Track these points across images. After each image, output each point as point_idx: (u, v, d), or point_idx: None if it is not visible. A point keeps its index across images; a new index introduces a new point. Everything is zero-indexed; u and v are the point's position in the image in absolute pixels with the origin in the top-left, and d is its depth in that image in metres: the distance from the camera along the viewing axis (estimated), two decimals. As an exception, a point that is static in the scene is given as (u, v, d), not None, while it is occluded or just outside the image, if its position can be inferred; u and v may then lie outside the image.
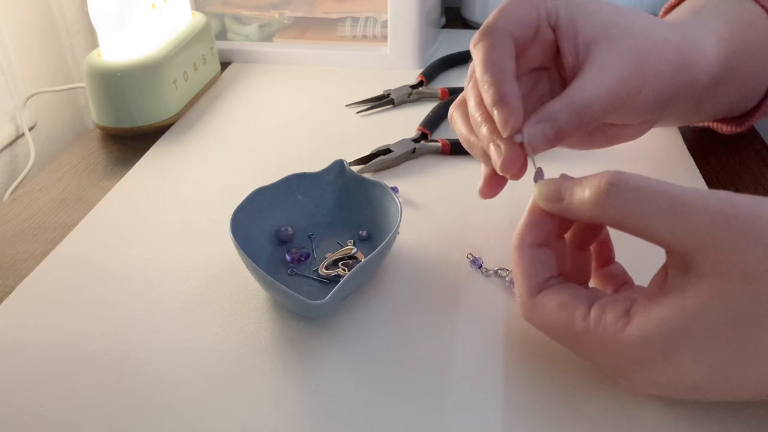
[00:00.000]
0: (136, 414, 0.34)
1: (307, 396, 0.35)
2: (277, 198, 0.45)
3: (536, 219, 0.34)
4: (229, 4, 0.80)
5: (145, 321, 0.40)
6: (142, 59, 0.61)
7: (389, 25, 0.74)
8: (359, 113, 0.65)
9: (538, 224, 0.34)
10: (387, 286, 0.42)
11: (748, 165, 0.55)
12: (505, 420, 0.33)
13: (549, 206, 0.33)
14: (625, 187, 0.29)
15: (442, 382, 0.35)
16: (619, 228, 0.30)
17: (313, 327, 0.39)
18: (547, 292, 0.33)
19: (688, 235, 0.28)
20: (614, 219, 0.30)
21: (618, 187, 0.29)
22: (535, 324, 0.34)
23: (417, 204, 0.50)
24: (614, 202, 0.29)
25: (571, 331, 0.31)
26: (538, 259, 0.34)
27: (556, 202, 0.32)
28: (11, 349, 0.38)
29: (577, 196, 0.31)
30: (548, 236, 0.34)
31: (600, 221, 0.31)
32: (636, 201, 0.29)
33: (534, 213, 0.34)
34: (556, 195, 0.32)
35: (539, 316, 0.33)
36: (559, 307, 0.32)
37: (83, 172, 0.57)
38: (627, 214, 0.29)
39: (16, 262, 0.46)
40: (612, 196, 0.29)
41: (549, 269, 0.34)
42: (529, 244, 0.34)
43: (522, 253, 0.34)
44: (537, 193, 0.34)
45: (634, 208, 0.29)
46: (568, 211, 0.32)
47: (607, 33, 0.38)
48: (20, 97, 0.69)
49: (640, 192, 0.29)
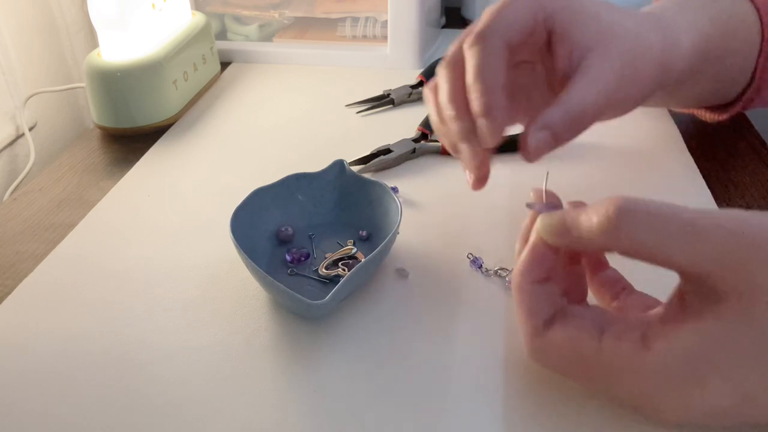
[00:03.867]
0: (136, 414, 0.34)
1: (307, 396, 0.35)
2: (277, 198, 0.45)
3: (539, 256, 0.32)
4: (229, 4, 0.80)
5: (145, 321, 0.40)
6: (142, 59, 0.61)
7: (389, 25, 0.74)
8: (359, 113, 0.65)
9: (541, 261, 0.32)
10: (387, 286, 0.42)
11: (748, 165, 0.55)
12: (505, 420, 0.33)
13: (555, 240, 0.31)
14: (636, 214, 0.28)
15: (442, 381, 0.35)
16: (630, 256, 0.29)
17: (313, 327, 0.39)
18: (554, 329, 0.31)
19: (706, 259, 0.27)
20: (626, 248, 0.28)
21: (628, 215, 0.28)
22: (545, 362, 0.32)
23: (417, 204, 0.50)
24: (626, 231, 0.28)
25: (584, 364, 0.30)
26: (542, 296, 0.32)
27: (562, 236, 0.31)
28: (11, 349, 0.38)
29: (585, 226, 0.29)
30: (551, 272, 0.33)
31: (610, 250, 0.30)
32: (648, 228, 0.27)
33: (537, 249, 0.32)
34: (562, 228, 0.31)
35: (548, 356, 0.32)
36: (568, 341, 0.30)
37: (83, 172, 0.57)
38: (640, 243, 0.28)
39: (16, 262, 0.46)
40: (623, 224, 0.28)
41: (553, 303, 0.32)
42: (532, 282, 0.32)
43: (524, 292, 0.32)
44: (541, 227, 0.32)
45: (646, 235, 0.27)
46: (577, 243, 0.31)
47: (601, 42, 0.38)
48: (20, 97, 0.69)
49: (651, 218, 0.28)
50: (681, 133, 0.59)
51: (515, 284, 0.33)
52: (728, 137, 0.59)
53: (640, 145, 0.56)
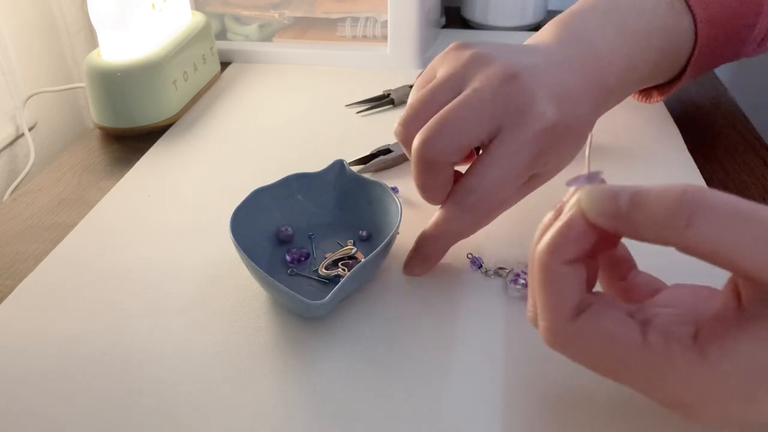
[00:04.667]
0: (136, 413, 0.34)
1: (307, 396, 0.35)
2: (277, 198, 0.45)
3: (577, 234, 0.28)
4: (229, 4, 0.80)
5: (145, 321, 0.40)
6: (142, 59, 0.61)
7: (389, 25, 0.74)
8: (359, 113, 0.65)
9: (578, 239, 0.28)
10: (387, 286, 0.42)
11: (748, 165, 0.55)
12: (505, 420, 0.33)
13: (601, 221, 0.27)
14: (714, 210, 0.24)
15: (442, 382, 0.35)
16: (691, 254, 0.25)
17: (313, 327, 0.39)
18: (586, 317, 0.28)
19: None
20: (693, 247, 0.25)
21: (704, 210, 0.24)
22: (571, 354, 0.29)
23: (417, 204, 0.50)
24: (698, 228, 0.24)
25: (623, 360, 0.27)
26: (572, 280, 0.28)
27: (612, 217, 0.27)
28: (11, 349, 0.38)
29: (645, 213, 0.26)
30: (584, 252, 0.28)
31: (669, 245, 0.26)
32: (724, 228, 0.24)
33: (575, 224, 0.28)
34: (613, 208, 0.26)
35: (579, 347, 0.28)
36: (605, 334, 0.27)
37: (83, 172, 0.57)
38: (711, 244, 0.24)
39: (16, 262, 0.46)
40: (695, 220, 0.24)
41: (581, 290, 0.28)
42: (563, 262, 0.28)
43: (555, 272, 0.28)
44: (586, 200, 0.27)
45: (721, 236, 0.24)
46: (628, 228, 0.26)
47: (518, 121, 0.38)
48: (20, 97, 0.69)
49: (728, 217, 0.24)
50: (680, 132, 0.59)
51: (542, 262, 0.28)
52: (727, 136, 0.59)
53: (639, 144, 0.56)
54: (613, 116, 0.51)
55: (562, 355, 0.29)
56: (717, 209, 0.24)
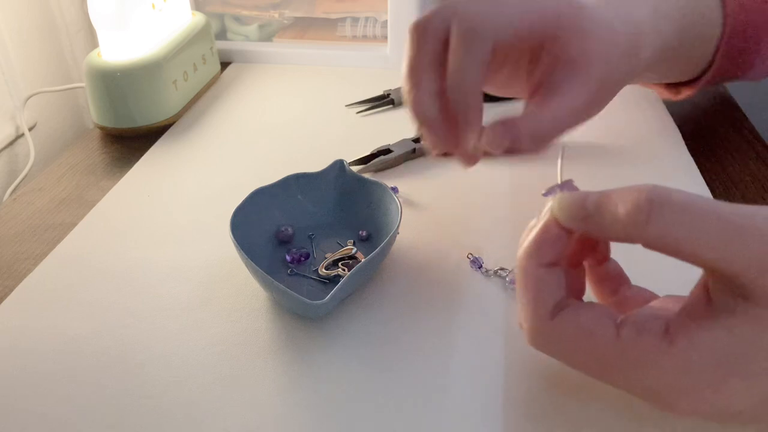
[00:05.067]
0: (136, 414, 0.34)
1: (307, 396, 0.35)
2: (277, 198, 0.45)
3: (551, 237, 0.30)
4: (229, 4, 0.80)
5: (145, 321, 0.40)
6: (142, 59, 0.61)
7: (389, 25, 0.74)
8: (359, 113, 0.65)
9: (553, 242, 0.30)
10: (387, 286, 0.42)
11: (748, 165, 0.55)
12: (505, 420, 0.33)
13: (572, 223, 0.29)
14: (670, 207, 0.26)
15: (442, 382, 0.35)
16: (656, 249, 0.27)
17: (313, 327, 0.39)
18: (563, 316, 0.29)
19: (741, 258, 0.25)
20: (655, 242, 0.26)
21: (662, 206, 0.26)
22: (550, 352, 0.30)
23: (417, 204, 0.50)
24: (657, 224, 0.26)
25: (599, 355, 0.28)
26: (550, 281, 0.30)
27: (580, 220, 0.29)
28: (11, 350, 0.38)
29: (609, 214, 0.27)
30: (560, 255, 0.30)
31: (635, 242, 0.27)
32: (682, 223, 0.26)
33: (549, 230, 0.30)
34: (582, 211, 0.29)
35: (555, 343, 0.30)
36: (581, 330, 0.29)
37: (83, 172, 0.57)
38: (672, 238, 0.26)
39: (16, 262, 0.46)
40: (654, 217, 0.26)
41: (559, 290, 0.30)
42: (540, 265, 0.30)
43: (531, 275, 0.30)
44: (558, 206, 0.30)
45: (680, 231, 0.26)
46: (596, 229, 0.28)
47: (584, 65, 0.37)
48: (20, 97, 0.69)
49: (686, 212, 0.26)
50: (680, 131, 0.59)
51: (521, 266, 0.30)
52: (727, 135, 0.59)
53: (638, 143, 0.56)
54: (613, 116, 0.51)
55: (544, 353, 0.31)
56: (675, 206, 0.26)
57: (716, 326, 0.26)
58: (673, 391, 0.28)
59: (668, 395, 0.28)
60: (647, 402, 0.29)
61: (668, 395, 0.28)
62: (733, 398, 0.27)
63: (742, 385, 0.26)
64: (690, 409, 0.28)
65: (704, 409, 0.28)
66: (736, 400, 0.27)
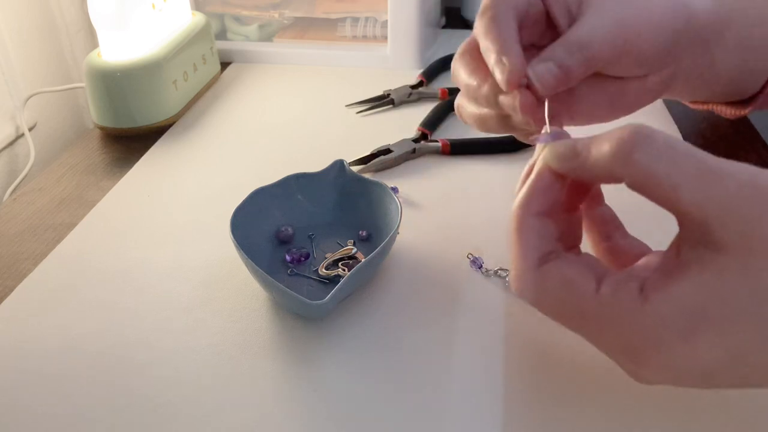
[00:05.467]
0: (136, 414, 0.34)
1: (307, 396, 0.35)
2: (277, 198, 0.45)
3: (544, 185, 0.31)
4: (229, 4, 0.80)
5: (145, 321, 0.40)
6: (142, 59, 0.61)
7: (389, 25, 0.74)
8: (359, 113, 0.65)
9: (546, 191, 0.31)
10: (387, 286, 0.42)
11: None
12: (505, 420, 0.33)
13: (562, 165, 0.30)
14: (653, 143, 0.27)
15: (442, 382, 0.35)
16: (636, 188, 0.28)
17: (313, 327, 0.39)
18: (549, 267, 0.30)
19: (714, 202, 0.26)
20: (635, 177, 0.27)
21: (645, 141, 0.27)
22: (533, 301, 0.31)
23: (417, 204, 0.50)
24: (639, 158, 0.27)
25: (578, 309, 0.29)
26: (540, 231, 0.31)
27: (570, 159, 0.30)
28: (11, 349, 0.38)
29: (596, 151, 0.28)
30: (554, 206, 0.31)
31: (618, 179, 0.28)
32: (662, 158, 0.26)
33: (543, 177, 0.31)
34: (571, 152, 0.30)
35: (539, 293, 0.30)
36: (564, 283, 0.29)
37: (83, 172, 0.57)
38: (651, 173, 0.27)
39: (16, 262, 0.46)
40: (638, 150, 0.27)
41: (550, 241, 0.31)
42: (534, 213, 0.31)
43: (524, 223, 0.31)
44: (549, 151, 0.31)
45: (659, 166, 0.26)
46: (584, 168, 0.29)
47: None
48: (20, 97, 0.69)
49: (667, 149, 0.27)
50: (682, 134, 0.59)
51: (513, 215, 0.31)
52: (727, 136, 0.59)
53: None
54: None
55: (527, 302, 0.31)
56: (659, 142, 0.27)
57: (685, 278, 0.27)
58: (647, 347, 0.28)
59: (642, 351, 0.28)
60: (623, 366, 0.30)
61: (642, 351, 0.28)
62: (704, 352, 0.27)
63: (713, 337, 0.26)
64: (660, 368, 0.28)
65: (677, 365, 0.28)
66: (707, 355, 0.27)
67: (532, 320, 0.39)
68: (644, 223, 0.34)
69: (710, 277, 0.26)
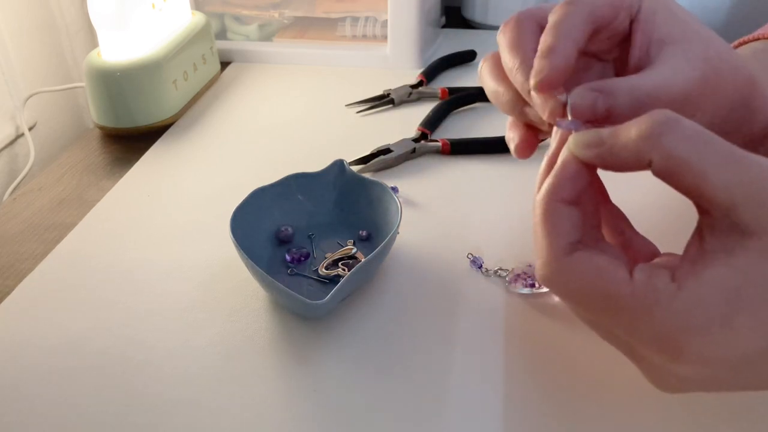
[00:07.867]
0: (136, 414, 0.34)
1: (307, 396, 0.35)
2: (277, 198, 0.45)
3: (571, 173, 0.31)
4: (229, 3, 0.80)
5: (145, 321, 0.40)
6: (142, 59, 0.61)
7: (389, 25, 0.74)
8: (359, 113, 0.65)
9: (573, 179, 0.30)
10: (387, 286, 0.42)
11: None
12: (505, 420, 0.33)
13: (588, 152, 0.30)
14: (681, 127, 0.27)
15: (442, 382, 0.35)
16: (663, 173, 0.27)
17: (313, 327, 0.39)
18: (579, 255, 0.29)
19: (742, 186, 0.26)
20: (664, 161, 0.27)
21: (674, 125, 0.27)
22: (562, 290, 0.30)
23: (417, 204, 0.50)
24: (668, 140, 0.27)
25: (611, 297, 0.28)
26: (569, 217, 0.30)
27: (597, 146, 0.29)
28: (11, 349, 0.38)
29: (624, 136, 0.28)
30: (580, 195, 0.31)
31: (646, 164, 0.28)
32: (691, 143, 0.26)
33: (569, 166, 0.31)
34: (597, 139, 0.29)
35: (569, 281, 0.29)
36: (596, 270, 0.29)
37: (83, 172, 0.57)
38: (680, 157, 0.26)
39: (16, 262, 0.46)
40: (667, 133, 0.27)
41: (577, 230, 0.30)
42: (562, 200, 0.30)
43: (552, 210, 0.30)
44: (574, 140, 0.31)
45: (688, 151, 0.26)
46: (611, 153, 0.29)
47: (685, 37, 0.36)
48: (20, 97, 0.69)
49: (697, 134, 0.27)
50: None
51: (540, 203, 0.31)
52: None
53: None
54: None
55: (555, 293, 0.31)
56: (687, 127, 0.27)
57: (717, 264, 0.27)
58: (683, 333, 0.27)
59: (677, 338, 0.27)
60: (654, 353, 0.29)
61: (677, 338, 0.27)
62: (742, 337, 0.26)
63: (750, 321, 0.26)
64: (699, 355, 0.27)
65: (715, 353, 0.27)
66: (746, 340, 0.26)
67: (532, 320, 0.39)
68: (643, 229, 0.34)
69: (741, 261, 0.26)
